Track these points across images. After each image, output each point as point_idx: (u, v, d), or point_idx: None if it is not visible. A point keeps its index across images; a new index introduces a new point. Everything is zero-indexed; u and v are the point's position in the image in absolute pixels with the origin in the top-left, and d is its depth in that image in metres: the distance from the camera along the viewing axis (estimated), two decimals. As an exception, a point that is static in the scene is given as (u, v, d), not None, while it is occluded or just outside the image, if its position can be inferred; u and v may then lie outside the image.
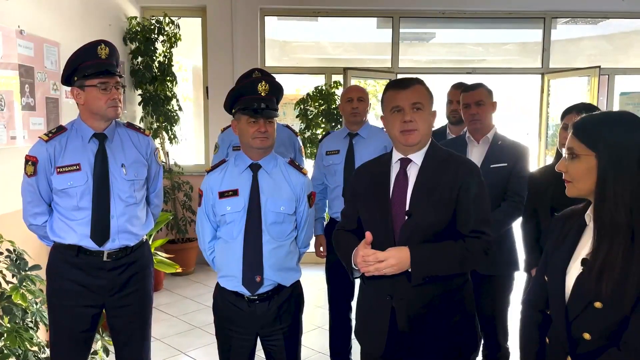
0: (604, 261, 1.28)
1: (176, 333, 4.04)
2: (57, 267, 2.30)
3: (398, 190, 1.86)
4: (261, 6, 5.72)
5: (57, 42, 3.76)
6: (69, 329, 2.29)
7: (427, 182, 1.83)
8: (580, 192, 1.38)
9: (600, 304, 1.29)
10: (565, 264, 1.40)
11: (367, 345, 1.98)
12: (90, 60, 2.21)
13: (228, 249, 2.17)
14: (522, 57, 6.97)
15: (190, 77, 7.02)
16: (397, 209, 1.83)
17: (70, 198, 2.24)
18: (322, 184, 3.25)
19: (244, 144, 2.19)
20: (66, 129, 2.30)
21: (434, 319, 1.81)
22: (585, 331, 1.32)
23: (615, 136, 1.30)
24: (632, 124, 1.33)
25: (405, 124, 1.82)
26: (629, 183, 1.28)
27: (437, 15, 5.92)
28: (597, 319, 1.31)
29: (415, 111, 1.82)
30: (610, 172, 1.29)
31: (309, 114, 5.66)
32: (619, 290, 1.25)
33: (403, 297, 1.80)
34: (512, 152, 2.68)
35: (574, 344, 1.36)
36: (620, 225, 1.27)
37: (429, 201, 1.79)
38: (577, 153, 1.34)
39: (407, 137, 1.83)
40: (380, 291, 1.85)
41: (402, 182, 1.87)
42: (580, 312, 1.33)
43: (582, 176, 1.34)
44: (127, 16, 5.35)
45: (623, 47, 6.84)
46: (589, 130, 1.35)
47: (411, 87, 1.85)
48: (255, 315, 2.17)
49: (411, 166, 1.88)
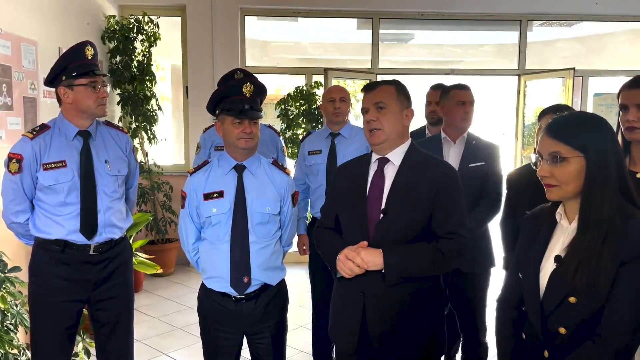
0: (581, 255, 1.32)
1: (157, 334, 4.01)
2: (43, 263, 2.31)
3: (374, 189, 1.90)
4: (241, 6, 5.71)
5: (34, 41, 3.71)
6: (54, 326, 2.31)
7: (405, 181, 1.86)
8: (566, 195, 1.40)
9: (575, 299, 1.34)
10: (539, 261, 1.45)
11: (340, 342, 2.01)
12: (78, 61, 2.27)
13: (214, 251, 2.17)
14: (499, 59, 7.09)
15: (168, 77, 6.97)
16: (373, 208, 1.86)
17: (56, 194, 2.27)
18: (304, 184, 3.27)
19: (229, 145, 2.19)
20: (49, 127, 2.33)
21: (404, 317, 1.85)
22: (561, 326, 1.37)
23: (599, 138, 1.35)
24: (605, 124, 1.39)
25: (368, 124, 1.89)
26: (613, 181, 1.33)
27: (417, 17, 5.98)
28: (571, 313, 1.35)
29: (378, 111, 1.87)
30: (599, 172, 1.34)
31: (290, 114, 5.67)
32: (593, 282, 1.30)
33: (375, 294, 1.84)
34: (487, 151, 2.75)
35: (550, 338, 1.40)
36: (602, 221, 1.32)
37: (405, 200, 1.82)
38: (565, 156, 1.36)
39: (371, 136, 1.89)
40: (353, 288, 1.88)
41: (379, 181, 1.90)
42: (556, 308, 1.38)
43: (571, 179, 1.36)
44: (105, 15, 5.30)
45: (596, 49, 7.01)
46: (574, 133, 1.37)
47: (376, 88, 1.91)
48: (242, 314, 2.18)
49: (389, 166, 1.91)
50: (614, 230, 1.31)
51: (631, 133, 1.96)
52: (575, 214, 1.41)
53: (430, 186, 1.83)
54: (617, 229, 1.31)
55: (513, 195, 2.54)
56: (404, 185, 1.85)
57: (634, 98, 1.95)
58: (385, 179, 1.90)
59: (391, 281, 1.78)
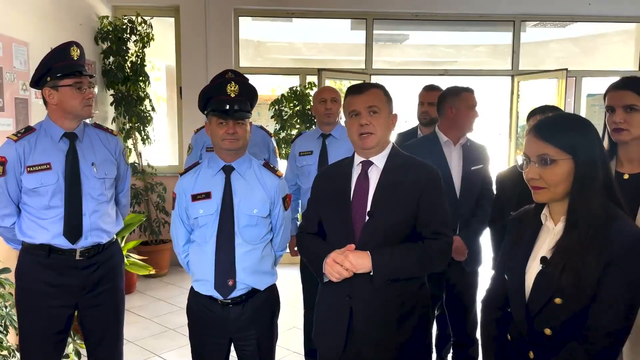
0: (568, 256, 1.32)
1: (149, 335, 4.00)
2: (28, 268, 2.27)
3: (359, 192, 1.89)
4: (235, 6, 5.71)
5: (26, 42, 3.70)
6: (41, 331, 2.27)
7: (389, 184, 1.86)
8: (554, 197, 1.40)
9: (560, 300, 1.34)
10: (524, 262, 1.45)
11: (325, 346, 1.99)
12: (63, 62, 2.22)
13: (201, 253, 2.16)
14: (493, 59, 7.10)
15: (163, 77, 6.96)
16: (358, 211, 1.86)
17: (40, 197, 2.23)
18: (295, 185, 3.27)
19: (215, 146, 2.18)
20: (35, 129, 2.29)
21: (391, 320, 1.84)
22: (547, 327, 1.37)
23: (587, 139, 1.36)
24: (590, 126, 1.39)
25: (361, 127, 1.86)
26: (600, 181, 1.34)
27: (410, 17, 5.99)
28: (557, 314, 1.36)
29: (371, 115, 1.86)
30: (588, 174, 1.34)
31: (284, 115, 5.67)
32: (579, 283, 1.30)
33: (362, 298, 1.83)
34: (481, 154, 2.76)
35: (535, 339, 1.41)
36: (589, 222, 1.33)
37: (391, 202, 1.82)
38: (554, 158, 1.36)
39: (364, 140, 1.87)
40: (340, 292, 1.87)
41: (363, 184, 1.90)
42: (541, 309, 1.38)
43: (561, 181, 1.36)
44: (98, 15, 5.28)
45: (589, 50, 7.03)
46: (563, 135, 1.37)
47: (367, 91, 1.89)
48: (229, 319, 2.15)
49: (372, 168, 1.91)
50: (599, 231, 1.32)
51: (618, 134, 1.96)
52: (561, 215, 1.41)
53: (415, 188, 1.84)
54: (602, 230, 1.31)
55: (502, 195, 2.55)
56: (388, 187, 1.85)
57: (620, 99, 1.96)
58: (370, 182, 1.89)
59: (379, 283, 1.78)
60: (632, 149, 1.97)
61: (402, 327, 1.86)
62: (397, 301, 1.85)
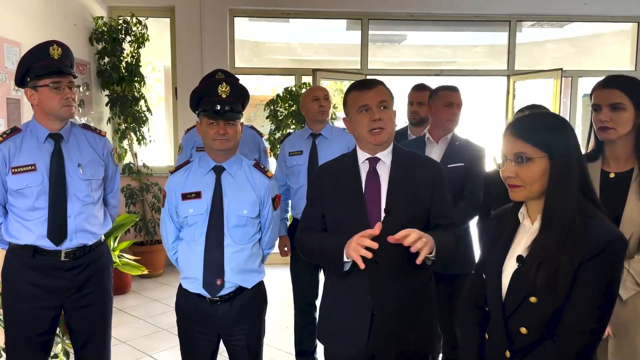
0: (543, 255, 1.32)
1: (142, 335, 4.00)
2: (13, 269, 2.27)
3: (371, 189, 1.88)
4: (230, 7, 5.71)
5: (18, 42, 3.71)
6: (26, 332, 2.26)
7: (400, 180, 1.87)
8: (531, 195, 1.40)
9: (535, 299, 1.34)
10: (502, 261, 1.45)
11: (342, 346, 1.93)
12: (42, 61, 2.19)
13: (190, 251, 2.17)
14: (489, 59, 7.09)
15: (162, 78, 6.98)
16: (372, 208, 1.85)
17: (25, 198, 2.22)
18: (285, 185, 3.26)
19: (206, 146, 2.19)
20: (21, 130, 2.28)
21: (408, 315, 1.87)
22: (522, 326, 1.37)
23: (563, 138, 1.36)
24: (565, 124, 1.39)
25: (374, 123, 1.84)
26: (576, 180, 1.34)
27: (406, 18, 5.99)
28: (532, 313, 1.35)
29: (382, 110, 1.85)
30: (563, 172, 1.34)
31: (279, 115, 5.67)
32: (553, 281, 1.30)
33: (382, 294, 1.83)
34: (469, 153, 2.74)
35: (511, 338, 1.40)
36: (564, 221, 1.32)
37: (405, 198, 1.83)
38: (530, 156, 1.36)
39: (376, 136, 1.85)
40: (359, 290, 1.85)
41: (374, 181, 1.89)
42: (517, 308, 1.38)
43: (536, 179, 1.36)
44: (93, 16, 5.29)
45: (586, 50, 7.02)
46: (539, 133, 1.37)
47: (376, 87, 1.88)
48: (217, 316, 2.17)
49: (380, 165, 1.90)
50: (574, 230, 1.31)
51: (604, 133, 1.96)
52: (538, 213, 1.41)
53: (426, 182, 1.87)
54: (577, 229, 1.31)
55: (489, 195, 2.55)
56: (400, 183, 1.86)
57: (606, 98, 1.96)
58: (381, 179, 1.89)
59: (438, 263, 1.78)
60: (618, 148, 1.97)
61: (419, 320, 1.89)
62: (414, 294, 1.88)
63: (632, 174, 1.94)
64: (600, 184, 1.97)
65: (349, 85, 1.97)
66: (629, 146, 1.95)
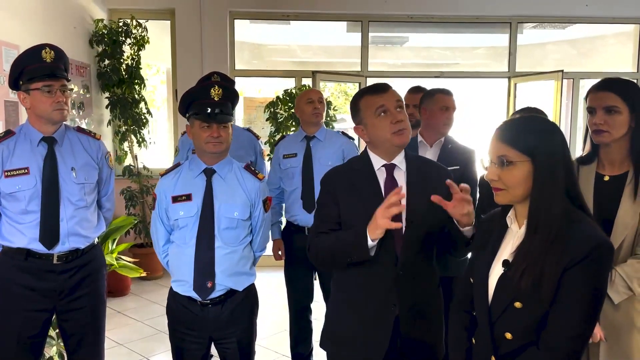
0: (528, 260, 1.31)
1: (140, 338, 4.00)
2: (6, 271, 2.27)
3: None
4: (230, 9, 5.71)
5: (17, 45, 3.72)
6: (17, 335, 2.26)
7: (417, 186, 1.83)
8: (514, 199, 1.39)
9: (520, 304, 1.33)
10: (488, 265, 1.44)
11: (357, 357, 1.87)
12: (34, 64, 2.20)
13: (180, 254, 2.17)
14: (490, 61, 7.08)
15: (165, 80, 7.00)
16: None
17: (18, 202, 2.23)
18: (279, 188, 3.24)
19: (198, 149, 2.19)
20: (14, 133, 2.29)
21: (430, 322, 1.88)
22: (507, 331, 1.36)
23: (547, 142, 1.34)
24: (552, 128, 1.37)
25: (397, 124, 1.78)
26: (561, 185, 1.32)
27: (406, 20, 5.98)
28: (517, 318, 1.34)
29: (399, 111, 1.81)
30: (547, 177, 1.32)
31: (279, 117, 5.66)
32: (537, 287, 1.29)
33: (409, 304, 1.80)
34: (463, 156, 2.73)
35: (497, 344, 1.39)
36: (549, 225, 1.31)
37: (426, 206, 1.74)
38: (512, 160, 1.35)
39: (401, 137, 1.80)
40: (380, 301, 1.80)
41: (393, 188, 1.78)
42: (502, 313, 1.37)
43: (518, 183, 1.35)
44: (93, 18, 5.30)
45: (587, 51, 6.99)
46: (522, 137, 1.35)
47: (390, 89, 1.85)
48: (208, 319, 2.17)
49: (396, 171, 1.87)
50: (560, 234, 1.30)
51: (598, 136, 1.95)
52: (525, 218, 1.39)
53: (441, 187, 1.77)
54: (562, 234, 1.29)
55: (484, 198, 2.53)
56: (418, 190, 1.81)
57: (601, 100, 1.94)
58: (398, 185, 1.83)
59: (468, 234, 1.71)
60: (613, 151, 1.96)
61: (438, 325, 1.91)
62: (431, 299, 1.90)
63: (627, 177, 1.92)
64: (594, 187, 1.96)
65: (358, 91, 1.93)
66: (623, 149, 1.94)
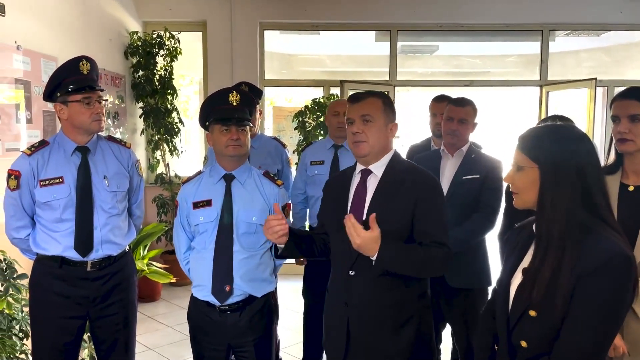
0: (536, 270, 1.31)
1: (169, 343, 4.08)
2: (40, 279, 2.34)
3: (357, 201, 1.91)
4: (261, 20, 5.81)
5: (55, 57, 3.87)
6: (52, 342, 2.32)
7: (385, 192, 1.87)
8: (525, 204, 1.41)
9: (535, 313, 1.32)
10: (511, 273, 1.44)
11: (330, 354, 2.02)
12: (72, 77, 2.28)
13: (200, 259, 2.22)
14: (521, 69, 6.99)
15: (198, 90, 7.17)
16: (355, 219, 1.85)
17: (53, 210, 2.29)
18: (304, 193, 3.28)
19: (218, 154, 2.25)
20: (48, 143, 2.36)
21: (386, 328, 1.84)
22: (523, 339, 1.35)
23: (555, 149, 1.34)
24: (569, 136, 1.36)
25: (353, 136, 1.89)
26: (567, 196, 1.31)
27: (435, 29, 5.97)
28: (532, 327, 1.34)
29: (364, 123, 1.87)
30: (551, 185, 1.32)
31: (307, 126, 5.72)
32: (549, 300, 1.28)
33: (356, 304, 1.85)
34: (485, 165, 2.69)
35: (513, 352, 1.39)
36: (553, 237, 1.30)
37: (385, 211, 1.81)
38: (522, 165, 1.38)
39: (356, 148, 1.90)
40: (338, 298, 1.91)
41: (361, 192, 1.92)
42: (518, 321, 1.36)
43: (526, 188, 1.38)
44: (128, 31, 5.47)
45: (622, 59, 6.83)
46: (531, 143, 1.39)
47: (363, 100, 1.91)
48: (226, 325, 2.19)
49: (371, 177, 1.93)
50: (572, 244, 1.28)
51: (623, 145, 1.92)
52: None
53: (410, 195, 1.83)
54: (575, 244, 1.28)
55: (511, 208, 2.50)
56: (384, 196, 1.86)
57: (625, 109, 1.91)
58: (367, 191, 1.91)
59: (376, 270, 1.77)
60: (638, 160, 1.92)
61: (398, 336, 1.85)
62: (394, 309, 1.85)
63: None
64: (619, 197, 1.92)
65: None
66: None
